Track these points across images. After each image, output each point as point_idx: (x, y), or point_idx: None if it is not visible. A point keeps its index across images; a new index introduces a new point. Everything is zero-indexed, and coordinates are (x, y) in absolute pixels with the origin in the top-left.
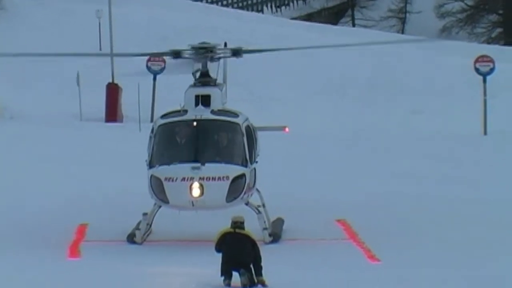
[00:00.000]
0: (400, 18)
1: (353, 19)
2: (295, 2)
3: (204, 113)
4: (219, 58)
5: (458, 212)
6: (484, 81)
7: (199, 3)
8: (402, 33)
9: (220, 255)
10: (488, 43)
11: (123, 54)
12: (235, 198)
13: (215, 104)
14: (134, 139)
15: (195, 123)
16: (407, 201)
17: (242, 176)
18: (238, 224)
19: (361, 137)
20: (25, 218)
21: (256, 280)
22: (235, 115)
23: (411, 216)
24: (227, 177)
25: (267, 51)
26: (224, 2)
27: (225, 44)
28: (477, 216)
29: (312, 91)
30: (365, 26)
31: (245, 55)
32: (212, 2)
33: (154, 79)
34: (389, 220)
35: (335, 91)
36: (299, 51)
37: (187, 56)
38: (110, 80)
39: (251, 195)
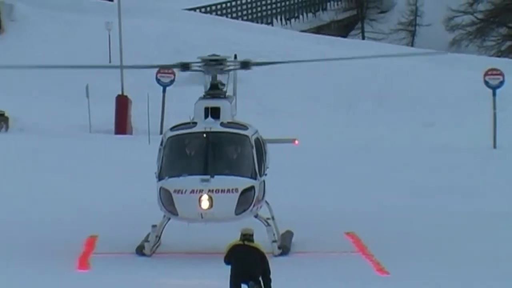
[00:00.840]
0: (410, 31)
1: (362, 31)
2: (304, 14)
3: (214, 126)
4: (228, 71)
5: (468, 226)
6: (494, 94)
7: (209, 15)
8: (412, 45)
9: (229, 267)
10: (498, 56)
11: (132, 66)
12: (244, 211)
13: (225, 117)
14: (144, 151)
15: (204, 136)
16: (416, 214)
17: (251, 188)
18: (247, 236)
19: (371, 149)
20: (34, 229)
21: None
22: (245, 127)
23: (420, 229)
24: (236, 190)
25: (276, 63)
26: (234, 15)
27: (235, 56)
28: (486, 229)
29: (322, 104)
30: (374, 39)
31: (254, 68)
32: (222, 15)
33: (164, 91)
34: (398, 233)
35: (345, 104)
36: (309, 63)
37: (196, 68)
38: (120, 92)
39: (260, 207)
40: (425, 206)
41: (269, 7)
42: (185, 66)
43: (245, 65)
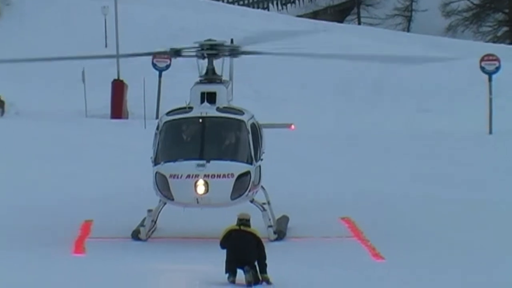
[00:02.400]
0: (406, 17)
1: (358, 17)
2: (301, 0)
3: (210, 110)
4: (224, 56)
5: (463, 213)
6: (490, 80)
7: (205, 0)
8: (408, 31)
9: (225, 252)
10: (494, 41)
11: (128, 54)
12: (240, 196)
13: (221, 102)
14: (139, 135)
15: (200, 120)
16: (412, 200)
17: (247, 173)
18: (243, 221)
19: (367, 136)
20: (30, 214)
21: (260, 278)
22: (241, 112)
23: (416, 215)
24: (232, 175)
25: (270, 54)
26: (230, 0)
27: (232, 41)
28: (481, 217)
29: (318, 91)
30: (370, 24)
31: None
32: (218, 0)
33: (160, 76)
34: (394, 218)
35: (341, 91)
36: (304, 48)
37: (191, 54)
38: (116, 77)
39: (256, 192)
40: (420, 193)
41: None
42: (179, 53)
43: (236, 50)
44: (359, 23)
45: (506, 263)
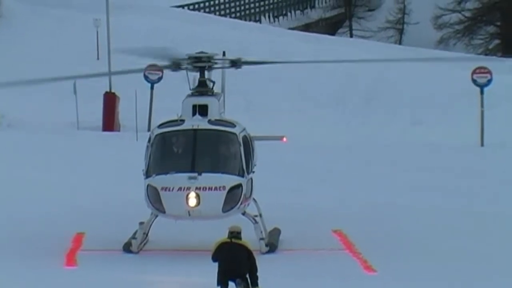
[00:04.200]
0: (398, 29)
1: (350, 29)
2: (293, 12)
3: (201, 123)
4: (216, 68)
5: (455, 224)
6: (482, 92)
7: (197, 12)
8: (400, 44)
9: (216, 264)
10: (486, 54)
11: (120, 72)
12: (231, 208)
13: (213, 114)
14: (131, 148)
15: (192, 133)
16: (404, 213)
17: (239, 186)
18: (234, 234)
19: (360, 148)
20: (21, 226)
21: None
22: (232, 125)
23: (408, 227)
24: (224, 187)
25: (266, 63)
26: (222, 12)
27: (224, 54)
28: (474, 228)
29: (310, 101)
30: (362, 37)
31: (244, 66)
32: (210, 12)
33: (152, 88)
34: (385, 231)
35: (334, 102)
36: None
37: (185, 66)
38: (108, 89)
39: (248, 205)
40: (413, 205)
41: (257, 4)
42: (175, 65)
43: (235, 63)
44: (351, 36)
45: (498, 274)
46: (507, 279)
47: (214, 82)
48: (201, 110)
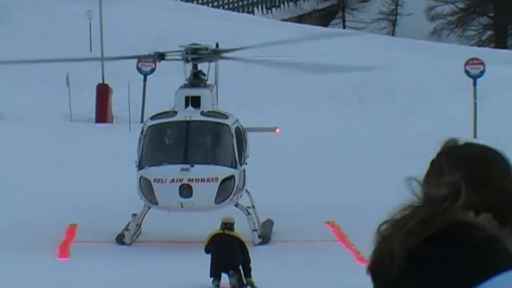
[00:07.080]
0: (391, 21)
1: (343, 21)
2: (285, 3)
3: (194, 114)
4: (210, 60)
5: None
6: (474, 84)
7: (190, 4)
8: (393, 35)
9: (209, 256)
10: (479, 45)
11: (112, 58)
12: (224, 200)
13: (205, 105)
14: (124, 140)
15: (184, 124)
16: (397, 204)
17: (231, 177)
18: (227, 225)
19: (352, 140)
20: (14, 218)
21: (245, 281)
22: (225, 116)
23: None
24: (216, 179)
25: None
26: (215, 3)
27: (217, 45)
28: None
29: (302, 94)
30: (355, 28)
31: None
32: (203, 3)
33: (145, 80)
34: (378, 222)
35: (325, 94)
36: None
37: (176, 58)
38: (101, 81)
39: (241, 196)
40: (405, 196)
41: None
42: (163, 56)
43: (219, 53)
44: (344, 27)
45: None
46: None
47: (205, 74)
48: (194, 101)
